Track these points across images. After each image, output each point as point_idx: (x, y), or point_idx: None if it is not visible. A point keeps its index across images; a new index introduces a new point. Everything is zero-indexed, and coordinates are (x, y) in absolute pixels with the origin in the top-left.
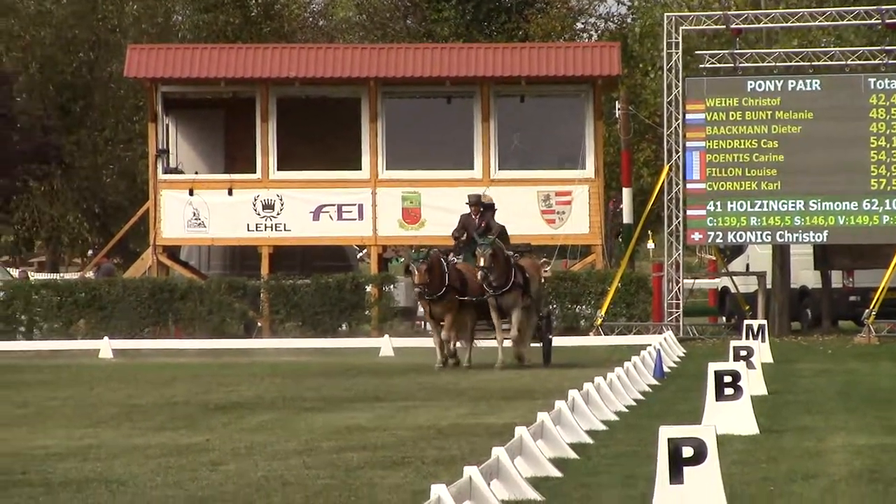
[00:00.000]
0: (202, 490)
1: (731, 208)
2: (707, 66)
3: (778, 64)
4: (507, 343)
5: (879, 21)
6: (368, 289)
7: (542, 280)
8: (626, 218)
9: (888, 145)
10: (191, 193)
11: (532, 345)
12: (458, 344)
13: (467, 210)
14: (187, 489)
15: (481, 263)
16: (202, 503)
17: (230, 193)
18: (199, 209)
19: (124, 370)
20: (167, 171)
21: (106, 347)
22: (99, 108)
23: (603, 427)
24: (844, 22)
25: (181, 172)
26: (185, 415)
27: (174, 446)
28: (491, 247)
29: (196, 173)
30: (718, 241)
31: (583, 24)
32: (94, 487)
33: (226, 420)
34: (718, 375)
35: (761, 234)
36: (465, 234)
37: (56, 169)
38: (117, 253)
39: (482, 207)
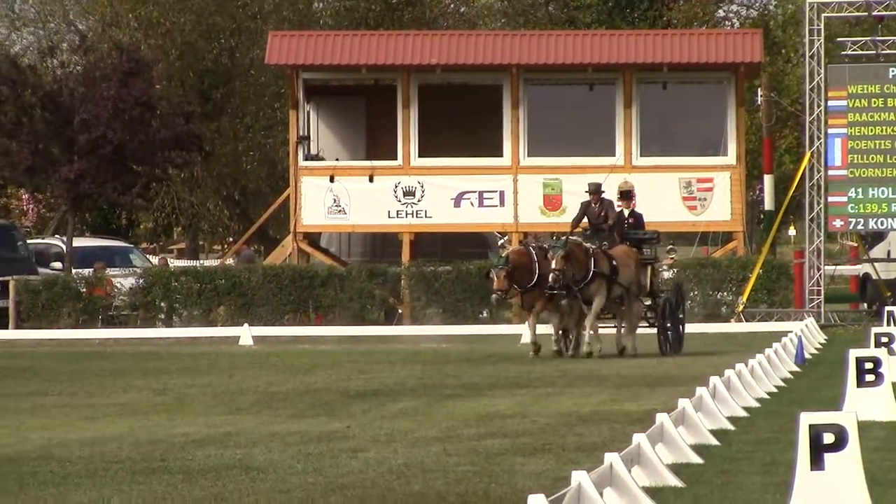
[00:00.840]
0: (342, 477)
1: (873, 195)
2: (849, 52)
3: None
4: (588, 329)
5: None
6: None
7: (642, 266)
8: (768, 205)
9: None
10: (331, 180)
11: (644, 332)
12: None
13: (611, 196)
14: (327, 476)
15: (553, 266)
16: (342, 490)
17: (371, 180)
18: (340, 196)
19: (264, 357)
20: (308, 157)
21: (246, 334)
22: (240, 95)
23: (744, 413)
24: None
25: (322, 159)
26: (325, 402)
27: (314, 433)
28: (564, 248)
29: (337, 160)
30: (859, 227)
31: (724, 11)
32: (233, 474)
33: (366, 407)
34: (859, 362)
35: None
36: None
37: (196, 157)
38: (257, 240)
39: (602, 196)
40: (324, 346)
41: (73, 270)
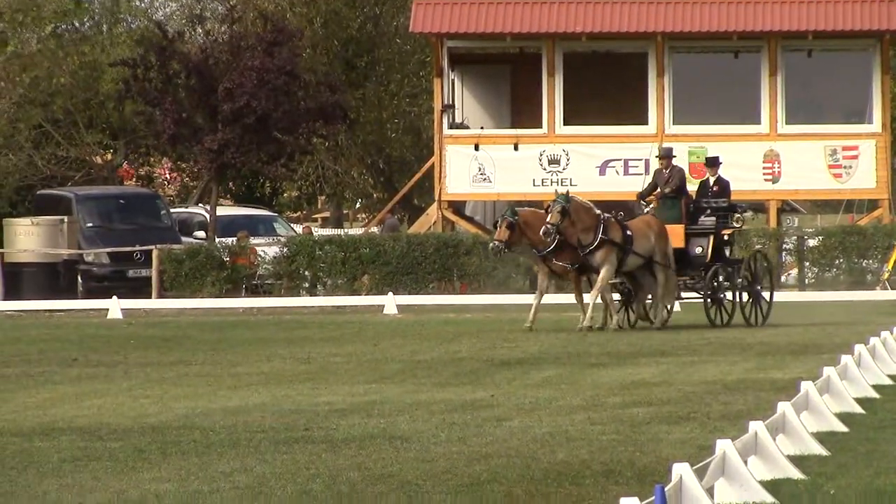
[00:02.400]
0: (486, 446)
1: None
2: None
3: None
4: (588, 299)
5: None
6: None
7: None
8: None
9: None
10: (476, 148)
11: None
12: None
13: (757, 164)
14: (471, 445)
15: (549, 220)
16: (486, 459)
17: (516, 148)
18: (485, 164)
19: (408, 326)
20: (453, 126)
21: (390, 303)
22: (384, 63)
23: (889, 382)
24: None
25: (467, 128)
26: (470, 371)
27: (458, 402)
28: (564, 203)
29: (482, 128)
30: None
31: None
32: (377, 444)
33: (510, 376)
34: None
35: None
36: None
37: (341, 126)
38: (402, 208)
39: (672, 161)
40: (468, 315)
41: (217, 239)
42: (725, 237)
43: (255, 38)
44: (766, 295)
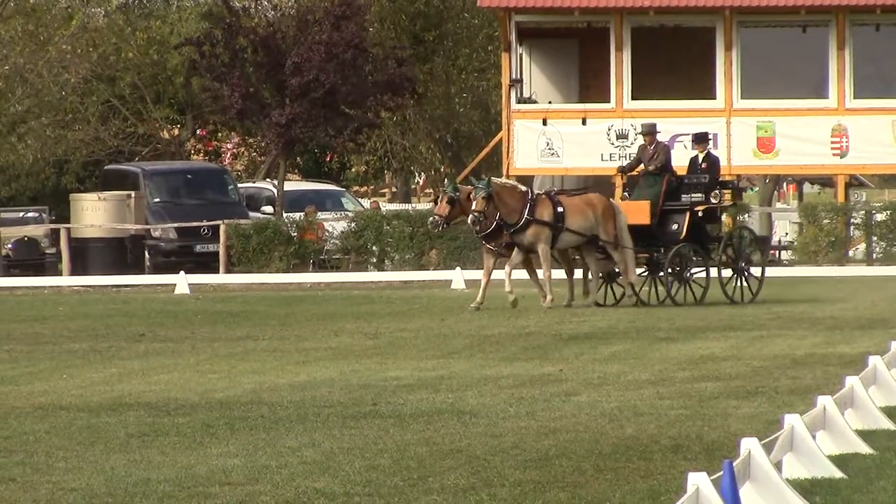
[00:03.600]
0: (554, 421)
1: None
2: None
3: None
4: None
5: None
6: (723, 218)
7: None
8: None
9: None
10: (544, 123)
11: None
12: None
13: (824, 139)
14: (539, 420)
15: (473, 207)
16: (554, 433)
17: (584, 123)
18: (553, 139)
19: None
20: (520, 100)
21: (458, 278)
22: (452, 38)
23: None
24: None
25: (534, 102)
26: (538, 345)
27: (526, 377)
28: (486, 189)
29: (549, 103)
30: None
31: None
32: (445, 419)
33: (578, 350)
34: None
35: None
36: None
37: (409, 100)
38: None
39: (657, 137)
40: (536, 290)
41: (285, 214)
42: (700, 214)
43: (323, 12)
44: (756, 271)
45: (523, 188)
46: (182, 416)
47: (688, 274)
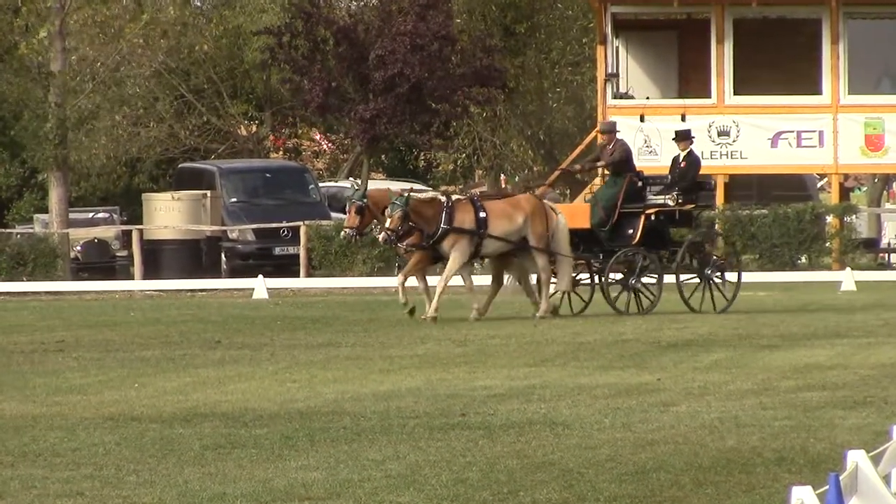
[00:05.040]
0: (652, 432)
1: None
2: None
3: None
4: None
5: None
6: (829, 219)
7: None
8: None
9: None
10: (642, 119)
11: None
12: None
13: None
14: (636, 431)
15: (387, 225)
16: (651, 446)
17: (683, 119)
18: (651, 136)
19: (575, 306)
20: (617, 96)
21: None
22: (545, 30)
23: None
24: None
25: (631, 98)
26: (635, 353)
27: (623, 386)
28: (403, 207)
29: (647, 98)
30: None
31: None
32: (537, 430)
33: (678, 358)
34: None
35: None
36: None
37: (499, 94)
38: (563, 182)
39: (615, 136)
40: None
41: None
42: (661, 217)
43: (408, 2)
44: (733, 278)
45: (442, 197)
46: (260, 427)
47: (633, 281)
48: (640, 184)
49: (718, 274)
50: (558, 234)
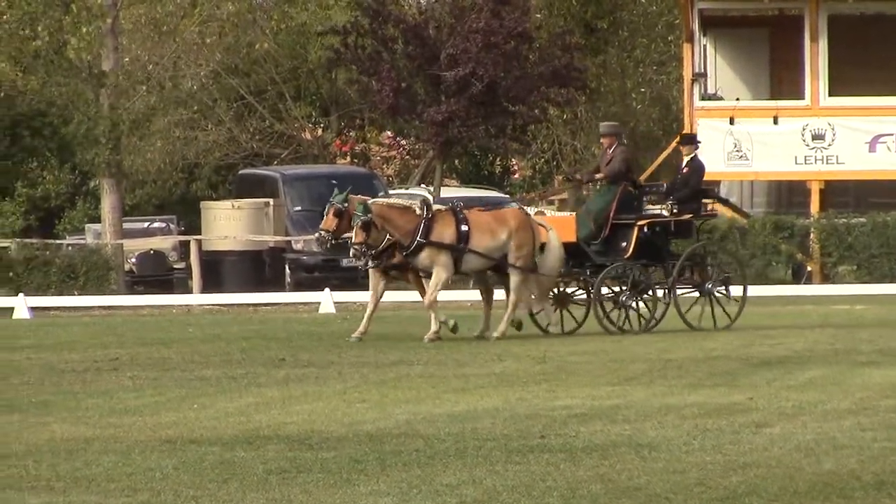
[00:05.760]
0: (744, 455)
1: None
2: None
3: None
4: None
5: None
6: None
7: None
8: None
9: None
10: (731, 122)
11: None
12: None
13: None
14: (727, 454)
15: (353, 239)
16: (743, 469)
17: (775, 122)
18: (741, 140)
19: (662, 321)
20: (705, 97)
21: None
22: (628, 27)
23: None
24: None
25: (720, 99)
26: (725, 370)
27: (712, 406)
28: (363, 216)
29: (737, 100)
30: None
31: None
32: (621, 453)
33: (771, 376)
34: None
35: None
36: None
37: (579, 95)
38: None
39: (617, 139)
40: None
41: None
42: (647, 229)
43: None
44: (738, 293)
45: (418, 209)
46: (327, 450)
47: (625, 298)
48: (635, 192)
49: (722, 289)
50: (548, 253)
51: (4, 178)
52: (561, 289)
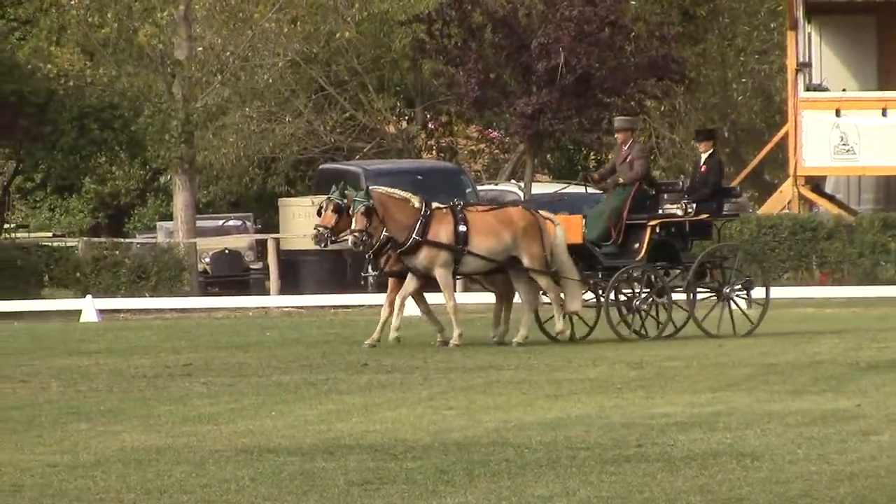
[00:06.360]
0: (851, 465)
1: None
2: None
3: None
4: (448, 310)
5: None
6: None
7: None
8: None
9: None
10: (837, 114)
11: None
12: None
13: None
14: (833, 463)
15: (353, 226)
16: (850, 479)
17: (884, 114)
18: (848, 133)
19: (763, 324)
20: (809, 88)
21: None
22: (728, 14)
23: None
24: None
25: (826, 90)
26: (831, 375)
27: (818, 413)
28: (365, 202)
29: (843, 91)
30: None
31: None
32: (722, 462)
33: (879, 381)
34: None
35: None
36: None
37: (678, 86)
38: (751, 184)
39: (633, 135)
40: (829, 310)
41: None
42: (660, 230)
43: None
44: (758, 296)
45: (417, 203)
46: (412, 460)
47: (638, 302)
48: (650, 191)
49: (744, 293)
50: (556, 251)
51: (71, 174)
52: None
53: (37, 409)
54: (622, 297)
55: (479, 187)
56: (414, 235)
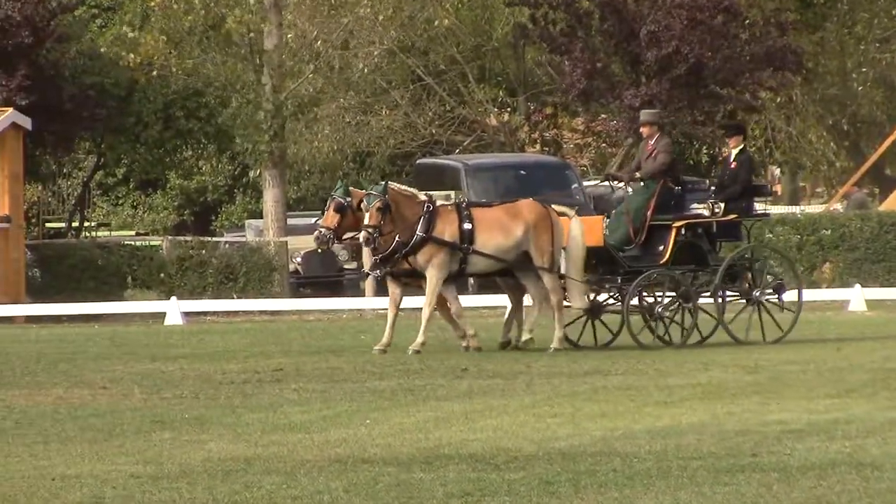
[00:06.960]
0: None
1: None
2: None
3: None
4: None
5: None
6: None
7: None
8: None
9: None
10: None
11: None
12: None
13: None
14: None
15: (366, 221)
16: None
17: None
18: None
19: (881, 326)
20: None
21: (857, 297)
22: (848, 0)
23: None
24: None
25: None
26: None
27: None
28: (381, 197)
29: None
30: None
31: None
32: (841, 472)
33: None
34: None
35: None
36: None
37: (795, 77)
38: (871, 180)
39: (659, 128)
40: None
41: None
42: (686, 231)
43: None
44: (790, 300)
45: (422, 197)
46: (514, 470)
47: (661, 308)
48: (677, 190)
49: (775, 297)
50: (572, 245)
51: (155, 168)
52: (592, 297)
53: (118, 417)
54: (646, 303)
55: (585, 183)
56: (418, 232)
